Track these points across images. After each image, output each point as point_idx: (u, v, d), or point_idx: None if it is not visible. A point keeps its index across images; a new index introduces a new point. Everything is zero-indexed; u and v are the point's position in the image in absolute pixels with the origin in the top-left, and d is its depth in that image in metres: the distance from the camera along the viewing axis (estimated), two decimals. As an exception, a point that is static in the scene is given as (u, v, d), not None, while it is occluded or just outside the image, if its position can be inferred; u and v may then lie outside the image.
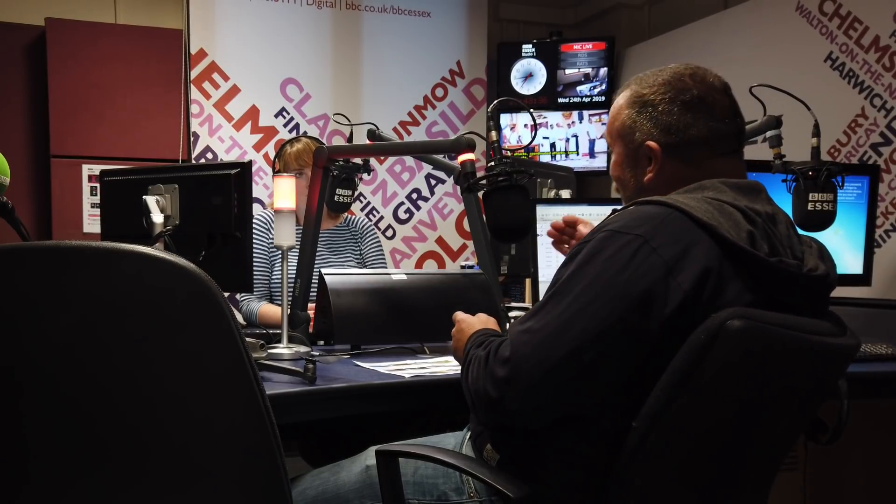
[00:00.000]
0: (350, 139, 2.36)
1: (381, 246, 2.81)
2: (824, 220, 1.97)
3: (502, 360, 1.13)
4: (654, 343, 1.08)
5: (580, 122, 4.55)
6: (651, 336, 1.08)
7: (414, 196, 4.36)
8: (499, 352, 1.15)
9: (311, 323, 2.09)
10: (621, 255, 1.10)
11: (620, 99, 1.32)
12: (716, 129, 1.24)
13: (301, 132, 4.06)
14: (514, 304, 2.67)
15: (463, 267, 2.87)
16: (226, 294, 0.99)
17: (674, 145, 1.25)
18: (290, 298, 2.09)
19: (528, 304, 2.68)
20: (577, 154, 4.53)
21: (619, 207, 1.23)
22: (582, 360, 1.09)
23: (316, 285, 2.00)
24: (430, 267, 4.36)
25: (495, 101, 1.83)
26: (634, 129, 1.28)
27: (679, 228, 1.11)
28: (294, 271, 2.17)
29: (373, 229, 2.83)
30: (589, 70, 4.55)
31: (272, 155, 3.96)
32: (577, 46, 4.58)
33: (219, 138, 3.98)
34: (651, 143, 1.26)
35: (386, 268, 2.81)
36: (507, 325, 1.84)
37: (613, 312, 1.08)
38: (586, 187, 4.61)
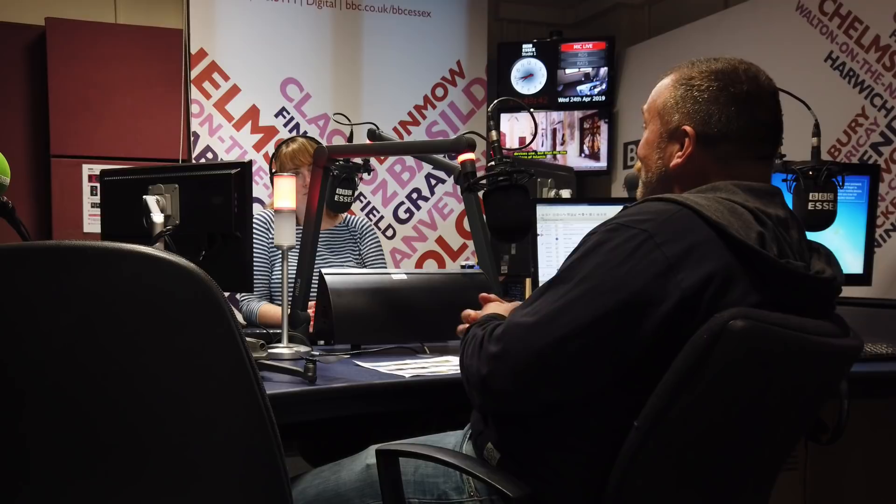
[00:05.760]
0: (350, 139, 2.36)
1: (380, 246, 2.81)
2: (824, 219, 1.97)
3: (496, 338, 1.16)
4: (651, 340, 1.08)
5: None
6: (646, 332, 1.07)
7: (414, 196, 4.36)
8: (494, 331, 1.17)
9: (312, 323, 2.09)
10: (624, 249, 1.10)
11: (667, 78, 1.29)
12: (756, 129, 1.22)
13: (301, 132, 4.06)
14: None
15: (463, 267, 2.86)
16: (226, 294, 0.99)
17: (710, 137, 1.22)
18: (290, 298, 2.09)
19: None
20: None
21: (629, 206, 1.22)
22: (568, 348, 1.09)
23: (316, 285, 2.00)
24: (430, 267, 4.36)
25: (495, 101, 1.83)
26: (675, 109, 1.25)
27: (685, 226, 1.11)
28: (294, 271, 2.17)
29: (372, 229, 2.83)
30: (589, 70, 4.55)
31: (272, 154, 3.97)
32: (577, 46, 4.57)
33: (219, 138, 3.98)
34: (688, 128, 1.24)
35: (386, 268, 2.81)
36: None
37: (606, 304, 1.08)
38: (586, 187, 4.61)
